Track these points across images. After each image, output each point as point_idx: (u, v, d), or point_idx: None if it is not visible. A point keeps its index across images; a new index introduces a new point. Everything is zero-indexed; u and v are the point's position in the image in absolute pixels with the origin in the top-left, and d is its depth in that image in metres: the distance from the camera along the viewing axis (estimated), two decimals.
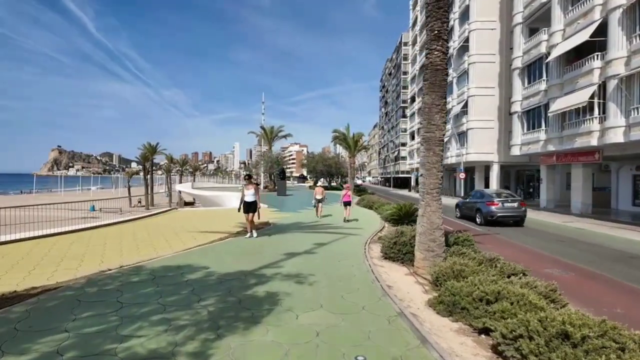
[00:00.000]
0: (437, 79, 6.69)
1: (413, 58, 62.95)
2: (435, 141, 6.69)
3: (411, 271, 7.12)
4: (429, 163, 6.71)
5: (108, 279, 5.59)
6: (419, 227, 6.81)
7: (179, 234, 11.39)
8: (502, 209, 16.86)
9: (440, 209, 6.77)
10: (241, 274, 6.08)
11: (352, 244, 9.77)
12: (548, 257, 10.60)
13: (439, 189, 6.73)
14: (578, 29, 21.06)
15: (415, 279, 6.59)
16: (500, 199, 17.22)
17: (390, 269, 7.27)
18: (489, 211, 16.95)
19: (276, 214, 18.13)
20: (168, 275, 5.86)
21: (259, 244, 9.30)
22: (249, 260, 7.30)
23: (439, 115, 6.68)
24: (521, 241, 13.19)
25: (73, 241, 9.80)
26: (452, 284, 4.99)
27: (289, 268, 6.61)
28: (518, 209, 17.11)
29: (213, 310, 4.34)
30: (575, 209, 23.83)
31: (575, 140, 21.47)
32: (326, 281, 5.80)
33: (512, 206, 17.06)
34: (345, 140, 45.18)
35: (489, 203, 17.22)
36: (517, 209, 17.08)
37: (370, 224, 14.80)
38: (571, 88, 21.63)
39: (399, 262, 7.88)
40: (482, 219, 17.14)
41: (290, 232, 12.02)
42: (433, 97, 6.68)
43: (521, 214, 17.19)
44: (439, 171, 6.73)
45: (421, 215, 6.78)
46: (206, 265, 6.61)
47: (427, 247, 6.65)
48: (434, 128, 6.67)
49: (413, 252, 7.69)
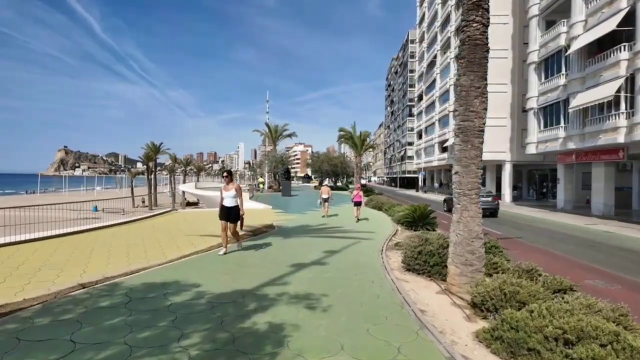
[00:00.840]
0: (476, 56, 5.52)
1: (420, 55, 61.60)
2: (474, 131, 5.52)
3: (443, 288, 5.95)
4: (466, 158, 5.54)
5: (71, 303, 4.45)
6: (454, 235, 5.65)
7: (176, 238, 10.31)
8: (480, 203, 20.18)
9: (479, 213, 5.60)
10: (239, 294, 4.93)
11: (366, 252, 8.61)
12: (583, 265, 9.46)
13: (478, 189, 5.57)
14: (602, 19, 19.75)
15: (450, 299, 5.42)
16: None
17: (417, 285, 6.10)
18: None
19: (281, 215, 17.00)
20: (148, 297, 4.72)
21: (261, 253, 8.15)
22: (250, 274, 6.16)
23: (479, 100, 5.51)
24: (548, 246, 12.02)
25: (57, 247, 8.79)
26: (511, 314, 3.82)
27: (297, 286, 5.46)
28: (492, 202, 20.79)
29: (196, 356, 3.20)
30: (596, 210, 22.51)
31: (598, 137, 20.13)
32: (344, 305, 4.63)
33: (487, 200, 20.16)
34: (352, 139, 43.97)
35: None
36: (491, 203, 20.69)
37: (382, 227, 13.65)
38: (594, 82, 20.30)
39: (424, 276, 6.72)
40: None
41: (297, 236, 10.89)
42: (471, 78, 5.51)
43: (494, 206, 20.84)
44: (478, 168, 5.57)
45: (456, 222, 5.61)
46: (197, 282, 5.47)
47: (464, 260, 5.48)
48: (472, 115, 5.50)
49: (442, 263, 6.54)
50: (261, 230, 12.15)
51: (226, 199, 7.95)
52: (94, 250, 8.43)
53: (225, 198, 7.96)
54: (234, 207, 7.94)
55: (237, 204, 7.96)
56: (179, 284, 5.32)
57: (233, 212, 7.93)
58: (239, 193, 8.01)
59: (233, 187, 8.01)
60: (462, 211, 5.55)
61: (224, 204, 7.94)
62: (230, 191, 7.97)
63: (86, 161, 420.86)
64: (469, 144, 5.52)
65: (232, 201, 7.92)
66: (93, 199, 31.67)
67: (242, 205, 8.08)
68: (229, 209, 7.92)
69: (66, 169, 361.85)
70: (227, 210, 7.92)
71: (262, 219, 15.35)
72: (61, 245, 8.91)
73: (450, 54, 44.17)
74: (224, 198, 7.96)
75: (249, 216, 16.58)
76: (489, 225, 16.55)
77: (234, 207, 7.95)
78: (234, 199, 7.92)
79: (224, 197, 7.97)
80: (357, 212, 15.76)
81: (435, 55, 50.60)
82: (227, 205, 7.90)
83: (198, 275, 5.90)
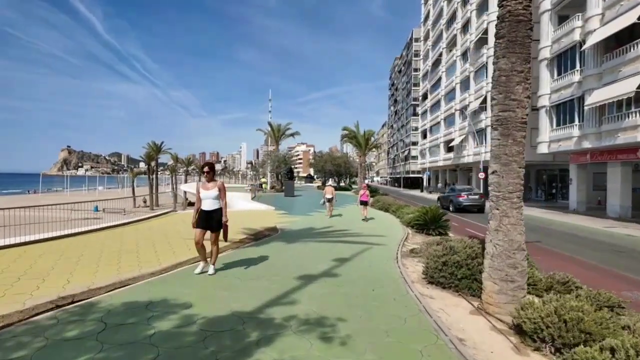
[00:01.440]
0: (519, 34, 4.67)
1: (425, 54, 60.69)
2: (516, 123, 4.67)
3: (476, 307, 5.10)
4: (505, 155, 4.69)
5: (29, 333, 3.57)
6: (491, 246, 4.80)
7: (173, 242, 9.53)
8: (467, 200, 22.94)
9: (521, 220, 4.75)
10: (237, 319, 4.08)
11: (380, 260, 7.77)
12: (614, 274, 8.63)
13: (520, 192, 4.72)
14: (621, 12, 18.82)
15: (487, 321, 4.58)
16: (466, 193, 23.61)
17: (445, 303, 5.26)
18: (458, 201, 22.99)
19: (284, 217, 16.18)
20: (127, 323, 3.86)
21: (265, 262, 7.32)
22: (251, 289, 5.32)
23: (522, 87, 4.66)
24: (570, 251, 11.16)
25: (45, 251, 8.05)
26: (585, 353, 2.98)
27: (308, 305, 4.61)
28: (479, 199, 23.03)
29: None
30: (612, 212, 21.60)
31: (617, 135, 19.19)
32: (366, 335, 3.76)
33: (474, 198, 23.08)
34: (356, 138, 43.15)
35: (458, 196, 23.35)
36: (478, 200, 23.02)
37: (392, 231, 12.82)
38: (612, 78, 19.36)
39: (451, 290, 5.88)
40: (454, 207, 22.84)
41: (302, 240, 10.06)
42: (513, 61, 4.66)
43: (481, 203, 22.75)
44: (521, 167, 4.72)
45: (494, 230, 4.76)
46: (189, 300, 4.63)
47: (503, 275, 4.63)
48: (514, 104, 4.65)
49: (471, 276, 5.70)
50: (264, 234, 11.33)
51: (206, 201, 6.30)
52: (84, 255, 7.68)
53: (205, 200, 6.31)
54: (215, 212, 6.31)
55: (218, 206, 6.32)
56: (167, 304, 4.48)
57: (214, 217, 6.28)
58: (222, 193, 6.31)
59: (215, 186, 6.29)
60: (501, 217, 4.70)
61: (203, 208, 6.29)
62: (211, 191, 6.26)
63: (89, 161, 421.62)
64: (510, 138, 4.67)
65: (214, 204, 6.30)
66: (94, 199, 31.19)
67: (225, 209, 6.36)
68: (209, 214, 6.27)
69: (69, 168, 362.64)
70: (207, 216, 6.26)
71: (264, 221, 14.53)
72: (49, 250, 8.20)
73: (457, 52, 43.28)
74: (202, 200, 6.31)
75: (251, 218, 15.86)
76: None
77: (216, 211, 6.32)
78: (215, 201, 6.30)
79: (202, 199, 6.30)
80: (364, 211, 15.78)
81: (441, 53, 49.68)
82: (207, 208, 6.27)
83: (191, 291, 5.07)
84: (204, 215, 6.25)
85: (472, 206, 22.69)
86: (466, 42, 40.32)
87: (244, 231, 11.70)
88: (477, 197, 23.19)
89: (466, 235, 14.02)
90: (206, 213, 6.25)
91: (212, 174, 6.38)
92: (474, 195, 23.21)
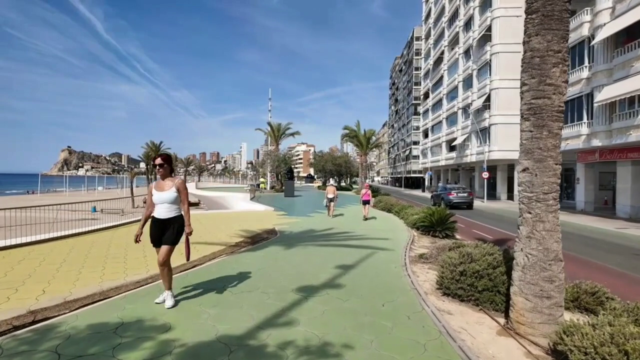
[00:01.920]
0: (555, 7, 3.98)
1: (426, 52, 59.95)
2: (552, 112, 3.97)
3: (502, 325, 4.41)
4: (539, 150, 4.00)
5: None
6: (522, 256, 4.11)
7: None
8: (456, 197, 24.86)
9: (558, 226, 4.06)
10: (223, 347, 3.36)
11: (387, 267, 7.08)
12: None
13: (557, 192, 4.02)
14: (632, 5, 18.13)
15: (519, 345, 3.89)
16: (455, 191, 25.58)
17: (466, 320, 4.57)
18: (448, 199, 24.64)
19: (284, 218, 15.50)
20: (85, 355, 3.13)
21: (260, 271, 6.62)
22: (243, 305, 4.62)
23: (559, 69, 3.97)
24: (586, 255, 10.48)
25: (25, 256, 7.49)
26: None
27: (308, 327, 3.91)
28: (467, 197, 25.09)
29: None
30: (622, 212, 20.90)
31: (628, 133, 18.50)
32: None
33: (463, 195, 25.09)
34: (357, 137, 42.50)
35: (448, 194, 25.33)
36: (467, 197, 25.05)
37: (396, 232, 12.15)
38: (624, 73, 18.68)
39: (470, 303, 5.18)
40: (444, 204, 23.06)
41: (302, 244, 9.37)
42: (548, 39, 3.97)
43: (469, 200, 25.15)
44: (557, 163, 4.03)
45: (526, 237, 4.07)
46: (167, 321, 3.91)
47: (538, 290, 3.94)
48: (549, 90, 3.96)
49: (494, 288, 5.02)
50: (261, 237, 10.65)
51: (160, 207, 4.46)
52: (67, 261, 7.12)
53: (159, 205, 4.47)
54: (172, 220, 4.45)
55: (178, 213, 4.51)
56: (141, 326, 3.77)
57: (170, 227, 4.43)
58: (183, 196, 4.52)
59: (173, 186, 4.46)
60: (535, 223, 4.01)
61: (156, 215, 4.49)
62: (166, 192, 4.44)
63: (89, 161, 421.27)
64: (545, 129, 3.98)
65: (171, 210, 4.46)
66: (93, 199, 30.87)
67: (188, 215, 4.53)
68: (163, 224, 4.44)
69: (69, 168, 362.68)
70: (160, 226, 4.44)
71: (262, 222, 13.86)
72: (31, 254, 7.63)
73: (459, 50, 42.58)
74: (155, 204, 4.51)
75: (249, 220, 15.11)
76: (508, 230, 14.98)
77: (174, 219, 4.46)
78: (173, 207, 4.47)
79: (155, 203, 4.50)
80: (365, 210, 15.77)
81: (443, 51, 48.97)
82: (161, 216, 4.44)
83: (171, 309, 4.38)
84: (158, 225, 4.44)
85: (461, 203, 24.58)
86: (469, 39, 39.62)
87: (241, 234, 11.04)
88: (465, 194, 25.31)
89: (473, 237, 13.36)
90: (160, 223, 4.44)
91: (169, 169, 4.60)
92: (462, 193, 25.40)
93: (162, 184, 4.54)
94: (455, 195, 25.04)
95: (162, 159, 4.57)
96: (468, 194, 25.43)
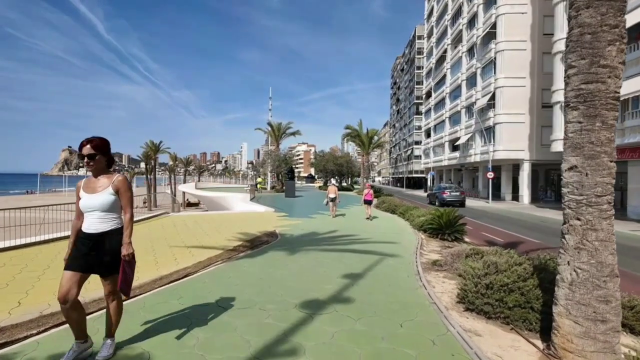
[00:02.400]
0: None
1: (429, 51, 59.26)
2: (607, 99, 3.33)
3: (543, 350, 3.76)
4: (591, 144, 3.35)
5: None
6: (569, 271, 3.46)
7: (158, 251, 8.34)
8: (449, 196, 26.52)
9: (613, 235, 3.42)
10: None
11: (399, 276, 6.43)
12: None
13: (611, 195, 3.38)
14: None
15: None
16: (448, 190, 27.46)
17: (499, 343, 3.92)
18: (442, 197, 26.62)
19: (285, 220, 14.85)
20: None
21: (259, 282, 5.97)
22: (236, 328, 3.97)
23: (616, 48, 3.32)
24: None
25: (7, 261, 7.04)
26: None
27: (315, 356, 3.27)
28: (459, 196, 26.98)
29: None
30: (633, 214, 20.25)
31: None
32: None
33: (455, 194, 26.94)
34: (359, 136, 41.87)
35: (442, 193, 27.19)
36: (459, 196, 26.90)
37: (402, 235, 11.51)
38: (637, 70, 18.02)
39: (498, 321, 4.53)
40: (438, 202, 25.99)
41: (304, 249, 8.72)
42: (603, 12, 3.33)
43: (462, 199, 26.97)
44: (612, 160, 3.38)
45: (574, 249, 3.42)
46: (144, 350, 3.27)
47: (590, 312, 3.30)
48: (604, 73, 3.31)
49: (526, 304, 4.37)
50: (261, 240, 10.00)
51: (90, 215, 3.12)
52: (50, 268, 6.57)
53: (88, 213, 3.13)
54: (108, 236, 3.11)
55: (116, 226, 3.16)
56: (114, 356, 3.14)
57: (106, 246, 3.09)
58: (124, 198, 3.17)
59: (109, 185, 3.13)
60: (585, 231, 3.36)
61: (85, 229, 3.12)
62: (99, 194, 3.11)
63: None
64: (598, 119, 3.33)
65: (105, 219, 3.12)
66: None
67: (129, 229, 3.13)
68: (97, 241, 3.09)
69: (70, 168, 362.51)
70: (92, 245, 3.08)
71: (262, 224, 13.21)
72: (13, 260, 7.09)
73: (463, 48, 41.92)
74: (84, 212, 3.15)
75: (248, 221, 14.35)
76: (518, 232, 14.34)
77: (110, 234, 3.12)
78: (110, 215, 3.14)
79: (83, 210, 3.14)
80: (368, 210, 15.77)
81: (446, 50, 48.27)
82: (92, 230, 3.09)
83: (154, 330, 3.73)
84: (86, 243, 3.07)
85: (453, 201, 26.16)
86: (472, 37, 38.94)
87: (239, 237, 10.40)
88: (457, 193, 27.33)
89: (483, 240, 12.71)
90: (90, 239, 3.07)
91: (104, 160, 3.20)
92: (455, 192, 27.41)
93: (93, 183, 3.15)
94: (449, 194, 26.95)
95: (92, 145, 3.09)
96: (460, 193, 27.50)
